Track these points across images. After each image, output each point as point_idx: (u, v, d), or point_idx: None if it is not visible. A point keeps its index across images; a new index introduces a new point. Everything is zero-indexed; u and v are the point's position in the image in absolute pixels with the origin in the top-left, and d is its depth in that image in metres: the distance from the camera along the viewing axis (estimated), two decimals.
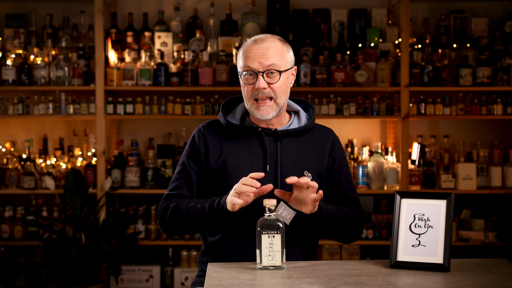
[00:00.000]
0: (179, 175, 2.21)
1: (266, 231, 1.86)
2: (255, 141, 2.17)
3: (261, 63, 2.09)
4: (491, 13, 4.51)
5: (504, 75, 4.24)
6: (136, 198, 4.47)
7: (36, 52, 4.26)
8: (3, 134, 4.48)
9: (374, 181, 4.22)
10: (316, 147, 2.21)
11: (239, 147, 2.16)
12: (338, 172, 2.23)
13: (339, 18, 4.45)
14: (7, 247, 4.26)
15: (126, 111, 4.24)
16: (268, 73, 2.10)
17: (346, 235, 2.20)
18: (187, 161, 2.20)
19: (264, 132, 2.16)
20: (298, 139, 2.20)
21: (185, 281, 4.23)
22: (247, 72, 2.12)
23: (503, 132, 4.52)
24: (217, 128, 2.22)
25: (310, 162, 2.17)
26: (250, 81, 2.12)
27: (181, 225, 2.14)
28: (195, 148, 2.21)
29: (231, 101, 2.31)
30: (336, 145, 2.25)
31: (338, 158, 2.23)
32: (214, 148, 2.18)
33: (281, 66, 2.12)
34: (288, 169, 2.13)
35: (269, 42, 2.12)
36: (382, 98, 4.33)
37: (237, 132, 2.18)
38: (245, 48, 2.14)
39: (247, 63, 2.11)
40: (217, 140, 2.19)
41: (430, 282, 1.74)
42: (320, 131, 2.26)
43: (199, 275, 2.26)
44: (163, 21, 4.42)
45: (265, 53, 2.10)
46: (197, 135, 2.22)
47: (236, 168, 2.13)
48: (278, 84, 2.12)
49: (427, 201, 1.90)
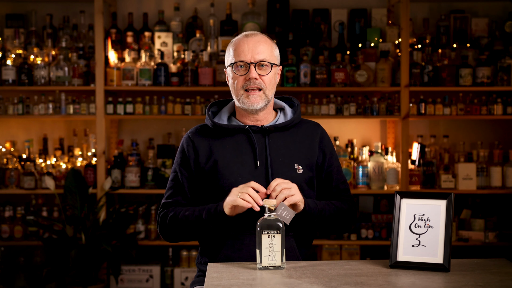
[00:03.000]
0: (172, 183, 2.25)
1: (266, 231, 1.86)
2: (243, 139, 2.20)
3: (253, 55, 2.15)
4: (491, 13, 4.51)
5: (504, 75, 4.24)
6: (136, 198, 4.47)
7: (36, 52, 4.26)
8: (3, 134, 4.48)
9: (374, 181, 4.22)
10: (304, 141, 2.23)
11: (228, 146, 2.19)
12: (330, 165, 2.26)
13: (339, 18, 4.45)
14: (7, 247, 4.26)
15: (126, 111, 4.24)
16: (259, 65, 2.16)
17: (339, 228, 2.25)
18: (178, 169, 2.24)
19: (251, 129, 2.19)
20: (286, 134, 2.23)
21: (185, 281, 4.23)
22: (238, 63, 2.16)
23: (503, 132, 4.53)
24: (205, 132, 2.25)
25: (300, 155, 2.20)
26: (242, 72, 2.17)
27: (181, 233, 2.19)
28: (184, 155, 2.24)
29: (217, 104, 2.35)
30: (325, 138, 2.28)
31: (328, 151, 2.27)
32: (203, 151, 2.20)
33: (272, 59, 2.18)
34: (278, 164, 2.16)
35: (260, 37, 2.19)
36: (382, 98, 4.33)
37: (225, 132, 2.21)
38: (236, 42, 2.20)
39: (239, 55, 2.16)
40: (206, 143, 2.22)
41: (430, 282, 1.74)
42: (307, 125, 2.29)
43: (198, 275, 2.27)
44: (163, 21, 4.42)
45: (257, 46, 2.16)
46: (186, 142, 2.25)
47: (227, 167, 2.15)
48: (269, 76, 2.17)
49: (427, 201, 1.90)
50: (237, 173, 2.14)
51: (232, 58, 2.19)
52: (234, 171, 2.13)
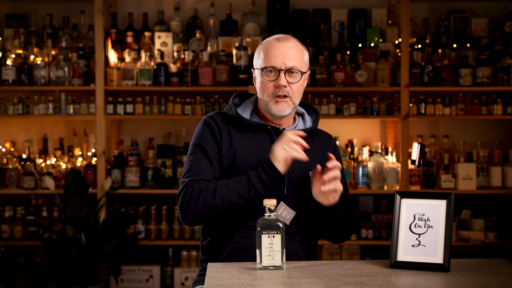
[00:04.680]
0: (194, 161, 2.13)
1: (266, 231, 1.86)
2: (264, 138, 2.18)
3: (284, 62, 2.12)
4: (491, 13, 4.51)
5: (504, 75, 4.24)
6: (136, 198, 4.47)
7: (36, 52, 4.26)
8: (3, 134, 4.48)
9: (374, 181, 4.22)
10: (318, 151, 2.23)
11: (249, 141, 2.17)
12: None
13: (339, 18, 4.45)
14: (7, 247, 4.26)
15: (126, 111, 4.24)
16: (289, 72, 2.13)
17: (344, 234, 2.25)
18: (202, 146, 2.15)
19: (272, 130, 2.18)
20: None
21: (185, 281, 4.23)
22: (268, 69, 2.13)
23: (503, 132, 4.53)
24: (225, 119, 2.22)
25: (314, 164, 2.17)
26: (271, 78, 2.14)
27: (213, 208, 2.05)
28: (207, 133, 2.17)
29: (239, 97, 2.32)
30: (336, 151, 2.29)
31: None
32: (225, 136, 2.18)
33: (302, 67, 2.16)
34: (294, 169, 2.15)
35: (291, 43, 2.15)
36: (382, 98, 4.33)
37: (246, 126, 2.19)
38: (267, 45, 2.16)
39: (270, 60, 2.13)
40: (227, 129, 2.19)
41: (430, 282, 1.74)
42: (321, 135, 2.30)
43: (201, 273, 2.25)
44: (163, 21, 4.42)
45: (288, 52, 2.13)
46: (209, 121, 2.21)
47: (245, 161, 2.14)
48: (297, 84, 2.15)
49: (427, 201, 1.90)
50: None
51: (262, 62, 2.15)
52: (251, 167, 2.10)
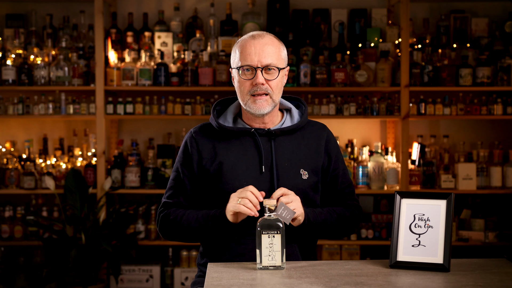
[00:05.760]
0: (174, 182, 2.20)
1: (266, 231, 1.86)
2: (249, 142, 2.14)
3: (260, 59, 2.07)
4: (491, 13, 4.51)
5: (504, 75, 4.24)
6: (136, 198, 4.47)
7: (36, 52, 4.26)
8: (3, 134, 4.48)
9: (374, 181, 4.22)
10: (311, 144, 2.19)
11: (233, 149, 2.14)
12: (335, 169, 2.22)
13: (339, 18, 4.45)
14: (7, 247, 4.26)
15: (126, 111, 4.24)
16: (266, 69, 2.09)
17: (341, 234, 2.23)
18: (181, 169, 2.18)
19: (257, 133, 2.14)
20: (292, 137, 2.18)
21: (185, 281, 4.23)
22: (244, 67, 2.09)
23: (503, 132, 4.52)
24: (209, 131, 2.19)
25: (306, 160, 2.16)
26: (248, 76, 2.09)
27: (182, 236, 2.16)
28: (187, 155, 2.18)
29: (221, 103, 2.28)
30: (331, 141, 2.23)
31: (333, 154, 2.22)
32: (207, 153, 2.15)
33: (279, 63, 2.11)
34: (284, 169, 2.12)
35: (267, 39, 2.11)
36: (382, 98, 4.33)
37: (230, 134, 2.16)
38: (242, 43, 2.11)
39: (246, 59, 2.08)
40: (210, 144, 2.16)
41: (430, 282, 1.74)
42: (313, 128, 2.23)
43: (199, 275, 2.25)
44: (163, 21, 4.42)
45: (264, 49, 2.08)
46: (189, 141, 2.19)
47: (231, 170, 2.11)
48: (276, 81, 2.10)
49: (427, 201, 1.90)
50: (242, 178, 2.09)
51: (238, 61, 2.10)
52: (239, 175, 2.09)
